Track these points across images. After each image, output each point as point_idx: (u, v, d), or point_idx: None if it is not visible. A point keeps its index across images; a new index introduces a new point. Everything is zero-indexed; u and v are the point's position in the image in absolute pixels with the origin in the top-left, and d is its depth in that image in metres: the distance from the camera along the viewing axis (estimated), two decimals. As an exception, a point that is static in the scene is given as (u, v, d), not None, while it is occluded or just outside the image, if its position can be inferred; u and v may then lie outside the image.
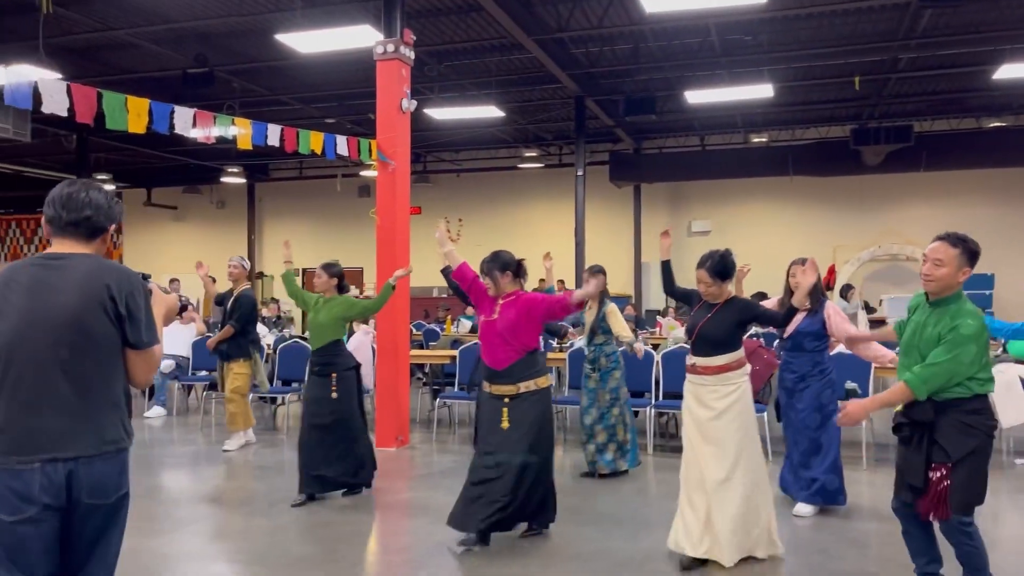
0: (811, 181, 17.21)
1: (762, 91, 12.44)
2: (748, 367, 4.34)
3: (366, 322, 10.21)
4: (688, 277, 4.58)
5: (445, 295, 18.94)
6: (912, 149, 14.98)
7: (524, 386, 4.52)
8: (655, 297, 18.34)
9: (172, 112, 5.72)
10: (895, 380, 3.44)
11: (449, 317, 12.99)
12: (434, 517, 5.16)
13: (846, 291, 12.34)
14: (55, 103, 4.88)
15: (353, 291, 7.45)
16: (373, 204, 7.78)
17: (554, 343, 9.96)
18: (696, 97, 12.91)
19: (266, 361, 9.00)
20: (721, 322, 4.24)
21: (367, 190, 20.22)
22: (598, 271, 5.96)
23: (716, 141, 18.39)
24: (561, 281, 14.93)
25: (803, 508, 5.16)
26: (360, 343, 8.48)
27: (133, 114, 5.27)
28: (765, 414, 6.86)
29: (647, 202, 18.83)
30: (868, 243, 17.23)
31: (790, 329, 5.14)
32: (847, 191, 17.49)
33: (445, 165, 20.29)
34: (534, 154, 19.34)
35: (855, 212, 17.62)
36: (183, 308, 2.85)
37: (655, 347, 8.51)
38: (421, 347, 10.97)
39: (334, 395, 5.51)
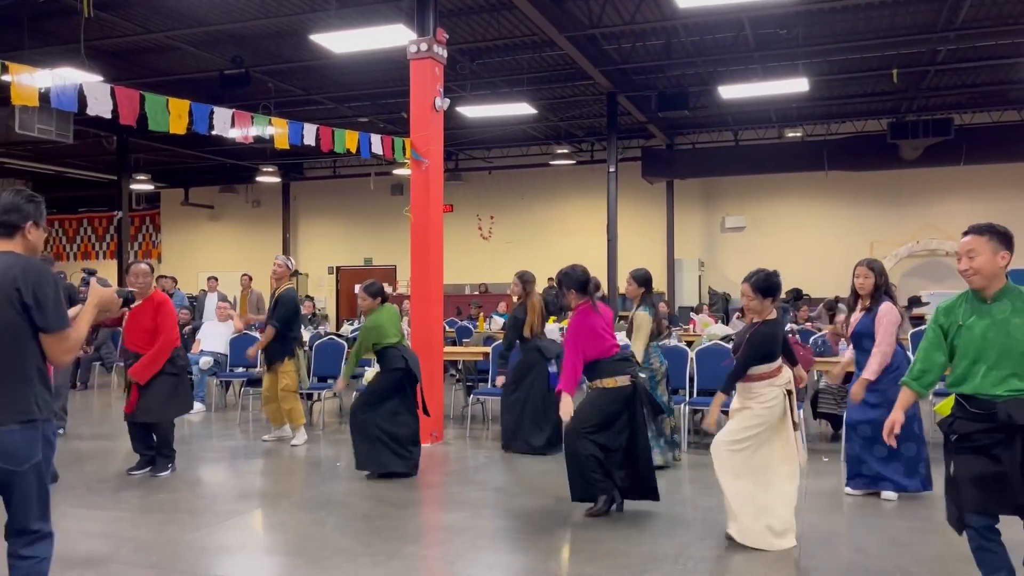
0: (847, 176, 16.98)
1: (797, 85, 12.30)
2: (781, 378, 4.44)
3: (401, 319, 10.31)
4: (721, 272, 4.63)
5: (477, 292, 19.03)
6: (952, 143, 14.70)
7: (592, 384, 4.98)
8: (688, 294, 18.24)
9: (211, 113, 5.83)
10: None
11: (481, 314, 13.05)
12: (469, 512, 5.21)
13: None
14: (99, 105, 5.01)
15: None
16: (406, 202, 7.84)
17: None
18: (730, 92, 12.81)
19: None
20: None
21: (400, 188, 20.37)
22: (640, 274, 6.36)
23: (750, 136, 18.22)
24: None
25: (903, 486, 5.32)
26: (394, 340, 8.54)
27: (174, 115, 5.38)
28: (801, 410, 6.80)
29: (680, 198, 18.72)
30: (906, 238, 16.96)
31: (851, 329, 5.37)
32: (884, 186, 17.23)
33: (477, 163, 20.36)
34: (566, 151, 19.32)
35: (892, 207, 17.35)
36: (128, 301, 3.14)
37: (689, 344, 8.47)
38: (454, 344, 11.04)
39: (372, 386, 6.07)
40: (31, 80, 4.76)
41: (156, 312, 6.00)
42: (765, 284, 4.45)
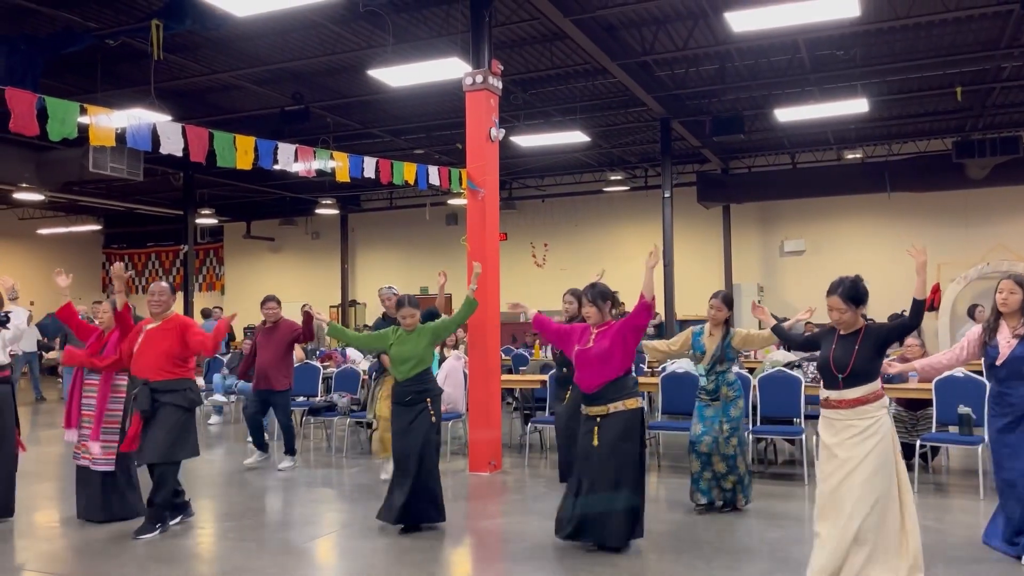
0: (910, 197, 16.56)
1: (856, 106, 12.09)
2: (886, 400, 4.08)
3: (456, 347, 10.36)
4: (780, 297, 4.47)
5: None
6: (1021, 161, 14.24)
7: (613, 407, 4.85)
8: (747, 319, 17.91)
9: (275, 148, 6.01)
10: None
11: (537, 342, 13.02)
12: (529, 542, 5.17)
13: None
14: (171, 144, 5.21)
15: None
16: (461, 231, 7.93)
17: (644, 367, 9.85)
18: (786, 115, 12.65)
19: (362, 387, 9.23)
20: (861, 351, 4.04)
21: (455, 218, 20.59)
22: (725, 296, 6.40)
23: (807, 159, 17.95)
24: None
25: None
26: (452, 368, 8.60)
27: (240, 152, 5.56)
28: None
29: (737, 222, 18.49)
30: (975, 260, 16.40)
31: (1004, 356, 4.52)
32: (950, 206, 16.74)
33: (530, 191, 20.47)
34: (619, 177, 19.30)
35: (959, 228, 16.83)
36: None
37: (751, 371, 8.32)
38: (510, 372, 11.04)
39: (432, 419, 5.47)
40: (108, 121, 4.98)
41: (184, 331, 5.43)
42: (854, 291, 4.12)
